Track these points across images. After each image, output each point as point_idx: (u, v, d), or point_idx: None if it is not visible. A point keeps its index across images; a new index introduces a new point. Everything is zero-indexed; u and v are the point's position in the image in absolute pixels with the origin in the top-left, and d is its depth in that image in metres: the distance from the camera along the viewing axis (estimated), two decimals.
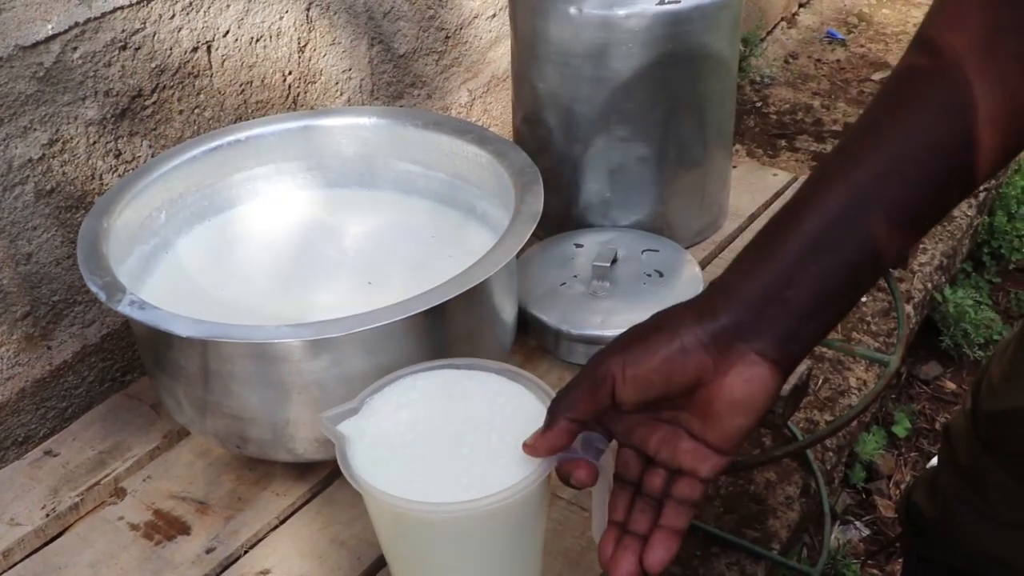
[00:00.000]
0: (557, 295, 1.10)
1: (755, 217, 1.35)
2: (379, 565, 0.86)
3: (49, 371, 1.04)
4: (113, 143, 1.04)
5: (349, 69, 1.31)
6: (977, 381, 0.86)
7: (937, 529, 0.90)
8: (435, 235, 1.06)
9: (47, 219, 1.00)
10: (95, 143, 1.02)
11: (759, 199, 1.38)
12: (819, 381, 1.25)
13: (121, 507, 0.92)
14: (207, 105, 1.13)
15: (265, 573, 0.86)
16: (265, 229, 1.08)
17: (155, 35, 1.04)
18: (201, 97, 1.12)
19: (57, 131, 0.98)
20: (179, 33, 1.07)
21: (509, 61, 1.27)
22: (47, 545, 0.90)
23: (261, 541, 0.89)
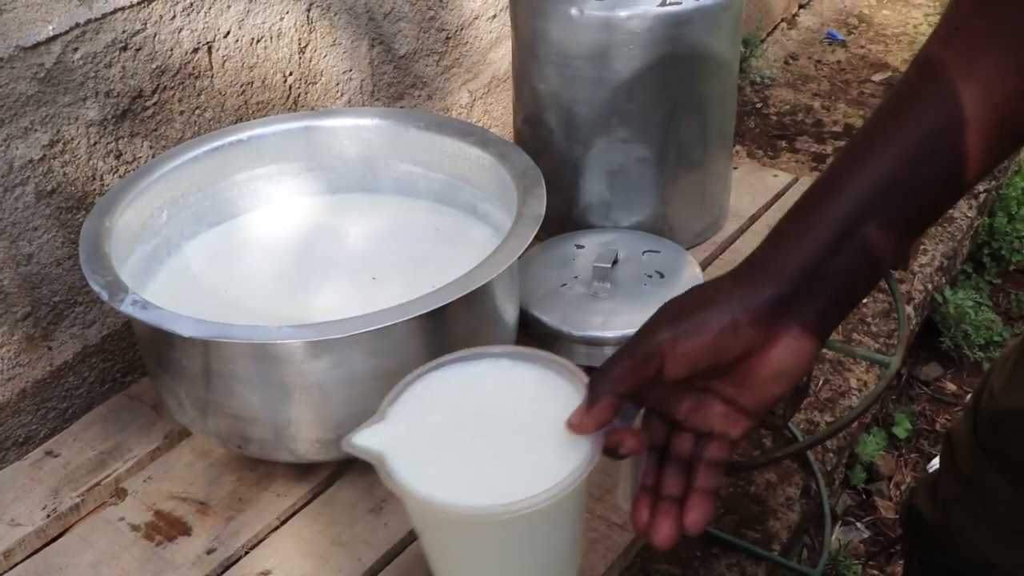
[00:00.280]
0: (558, 296, 1.10)
1: (756, 218, 1.35)
2: (380, 566, 0.86)
3: (50, 372, 1.04)
4: (114, 144, 1.04)
5: (350, 70, 1.31)
6: (979, 389, 0.86)
7: (938, 533, 0.90)
8: (439, 228, 1.07)
9: (48, 220, 1.00)
10: (96, 144, 1.02)
11: (760, 200, 1.38)
12: (820, 382, 1.25)
13: (122, 508, 0.93)
14: (208, 106, 1.13)
15: (266, 574, 0.86)
16: (268, 233, 1.08)
17: (156, 36, 1.04)
18: (202, 98, 1.12)
19: (58, 132, 0.98)
20: (180, 34, 1.07)
21: (510, 62, 1.27)
22: (48, 546, 0.90)
23: (262, 542, 0.89)
